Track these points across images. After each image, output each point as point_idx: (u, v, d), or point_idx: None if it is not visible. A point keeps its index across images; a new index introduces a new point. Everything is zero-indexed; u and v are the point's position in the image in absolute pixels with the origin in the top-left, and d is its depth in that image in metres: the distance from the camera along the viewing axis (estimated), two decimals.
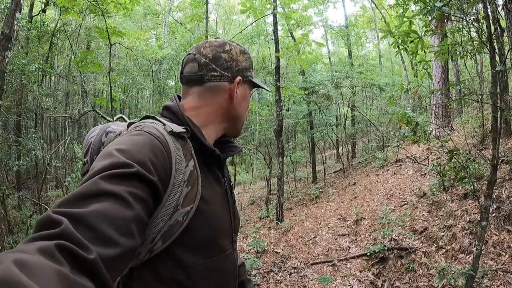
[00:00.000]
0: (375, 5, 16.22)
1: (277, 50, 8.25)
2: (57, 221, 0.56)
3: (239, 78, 1.03)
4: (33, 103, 9.81)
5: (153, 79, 17.93)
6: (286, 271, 5.60)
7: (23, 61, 7.76)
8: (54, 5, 9.51)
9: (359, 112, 13.95)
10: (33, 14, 10.14)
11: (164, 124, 0.90)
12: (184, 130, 0.90)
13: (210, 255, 0.92)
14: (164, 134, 0.86)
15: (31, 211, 8.08)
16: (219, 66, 1.01)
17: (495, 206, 4.45)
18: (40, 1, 10.87)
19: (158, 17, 20.19)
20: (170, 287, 0.86)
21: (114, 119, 8.01)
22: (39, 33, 9.55)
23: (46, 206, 6.66)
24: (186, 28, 18.75)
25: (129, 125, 1.01)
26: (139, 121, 0.98)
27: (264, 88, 1.18)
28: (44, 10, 10.41)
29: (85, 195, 0.64)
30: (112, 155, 0.75)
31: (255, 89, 1.20)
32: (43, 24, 9.77)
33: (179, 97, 1.07)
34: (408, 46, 4.14)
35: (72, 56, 11.62)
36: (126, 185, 0.69)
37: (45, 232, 0.55)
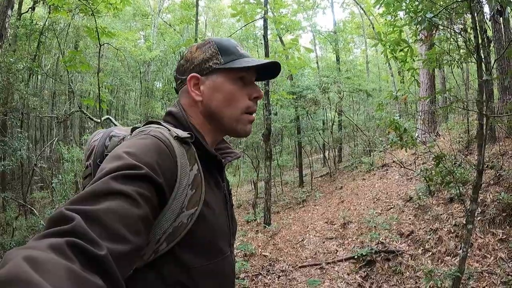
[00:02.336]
0: (364, 11, 16.46)
1: (266, 54, 8.29)
2: (69, 218, 0.57)
3: (190, 76, 1.00)
4: (19, 102, 9.61)
5: (140, 81, 17.78)
6: (274, 274, 5.61)
7: (11, 59, 7.60)
8: (43, 3, 9.36)
9: (346, 117, 14.10)
10: (22, 12, 9.95)
11: (169, 129, 0.91)
12: (189, 135, 0.91)
13: (211, 257, 0.93)
14: (170, 138, 0.87)
15: (16, 213, 7.90)
16: (179, 73, 1.05)
17: (480, 210, 4.57)
18: None
19: (148, 18, 20.01)
20: None
21: (102, 120, 7.96)
22: (27, 31, 9.38)
23: (31, 208, 6.54)
24: (175, 30, 18.63)
25: (132, 129, 1.03)
26: (143, 126, 0.98)
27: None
28: (33, 8, 10.24)
29: (96, 193, 0.65)
30: (121, 158, 0.76)
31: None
32: (32, 22, 9.60)
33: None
34: (397, 55, 4.22)
35: (60, 55, 11.45)
36: (135, 185, 0.70)
37: (57, 228, 0.55)
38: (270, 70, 1.10)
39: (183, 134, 0.90)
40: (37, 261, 0.46)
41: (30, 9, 10.13)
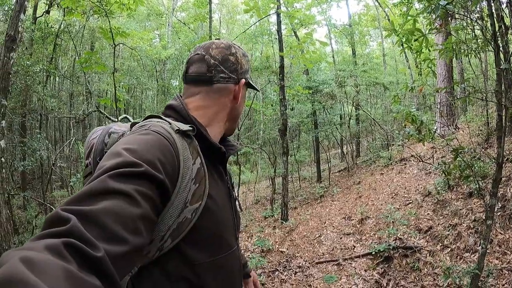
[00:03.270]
0: (379, 3, 16.14)
1: (281, 49, 8.24)
2: (65, 219, 0.57)
3: (243, 80, 1.08)
4: (37, 104, 9.85)
5: (157, 79, 17.98)
6: (291, 270, 5.60)
7: (28, 62, 7.79)
8: (58, 6, 9.56)
9: (363, 111, 13.91)
10: (37, 16, 10.18)
11: (170, 123, 0.91)
12: (191, 128, 0.91)
13: (217, 252, 0.93)
14: (171, 132, 0.87)
15: (37, 211, 8.11)
16: (227, 68, 1.05)
17: (500, 205, 4.43)
18: (44, 3, 10.92)
19: (162, 17, 20.19)
20: (178, 285, 0.87)
21: (119, 119, 8.06)
22: (43, 34, 9.59)
23: (51, 206, 6.70)
24: (189, 28, 18.74)
25: (132, 125, 1.02)
26: (143, 120, 0.98)
27: (257, 89, 1.21)
28: (48, 12, 10.44)
29: (93, 193, 0.64)
30: (120, 155, 0.75)
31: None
32: (47, 26, 9.81)
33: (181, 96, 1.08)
34: (412, 45, 4.12)
35: (76, 57, 11.67)
36: (134, 183, 0.69)
37: (53, 229, 0.55)
38: None
39: (184, 127, 0.90)
40: (34, 262, 0.46)
41: (45, 13, 10.34)
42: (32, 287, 0.42)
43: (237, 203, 1.24)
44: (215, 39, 1.16)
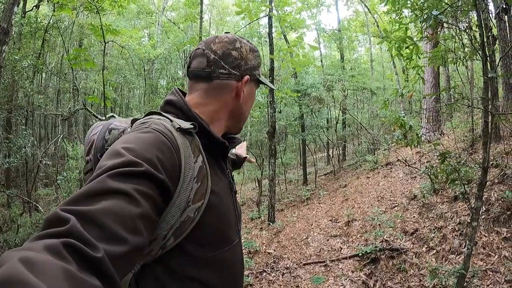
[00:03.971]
0: (368, 10, 16.41)
1: (271, 52, 8.28)
2: (64, 219, 0.56)
3: (247, 77, 1.03)
4: (24, 100, 9.63)
5: (145, 78, 17.82)
6: (278, 271, 5.63)
7: (16, 57, 7.61)
8: (48, 1, 9.38)
9: (350, 115, 14.08)
10: (27, 10, 9.98)
11: (171, 121, 0.89)
12: (192, 126, 0.90)
13: (219, 246, 0.93)
14: (172, 131, 0.85)
15: (21, 210, 7.94)
16: (228, 64, 1.00)
17: (484, 209, 4.57)
18: None
19: (152, 16, 20.02)
20: (181, 282, 0.87)
21: (106, 117, 7.97)
22: (32, 29, 9.40)
23: (36, 205, 6.58)
24: (179, 28, 18.65)
25: (133, 121, 1.00)
26: (144, 117, 0.96)
27: (271, 86, 1.19)
28: (37, 6, 10.24)
29: (92, 193, 0.64)
30: (119, 154, 0.74)
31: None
32: (37, 20, 9.62)
33: (181, 91, 1.04)
34: (403, 52, 4.23)
35: (65, 53, 11.47)
36: (134, 183, 0.69)
37: (52, 230, 0.55)
38: None
39: (186, 125, 0.89)
40: (33, 263, 0.45)
41: (34, 7, 10.12)
42: (32, 287, 0.41)
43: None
44: (225, 32, 1.12)
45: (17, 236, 6.66)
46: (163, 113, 0.94)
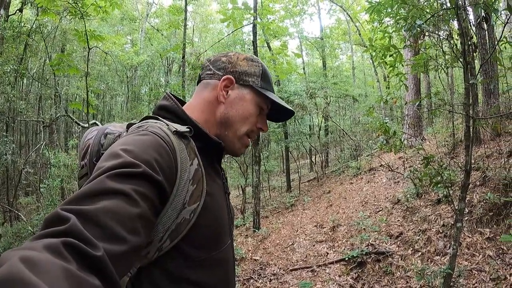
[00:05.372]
0: (350, 18, 16.74)
1: None
2: (65, 218, 0.56)
3: (227, 76, 1.04)
4: (5, 105, 9.38)
5: (127, 85, 17.62)
6: (266, 278, 5.62)
7: None
8: (31, 5, 9.22)
9: (333, 122, 14.27)
10: (10, 14, 9.76)
11: (167, 124, 0.90)
12: (188, 129, 0.91)
13: (214, 248, 0.94)
14: (169, 134, 0.86)
15: (2, 219, 7.67)
16: (215, 66, 1.06)
17: (467, 210, 4.69)
18: (19, 1, 10.50)
19: (135, 22, 19.88)
20: (177, 283, 0.87)
21: (89, 124, 7.86)
22: (14, 33, 9.20)
23: (18, 213, 6.39)
24: (162, 35, 18.58)
25: (128, 126, 1.01)
26: (140, 121, 0.97)
27: (282, 104, 1.10)
28: (21, 10, 10.06)
29: (92, 193, 0.64)
30: (118, 155, 0.74)
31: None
32: (20, 24, 9.42)
33: (174, 96, 1.05)
34: (387, 60, 4.33)
35: (47, 59, 11.26)
36: (133, 183, 0.69)
37: (52, 229, 0.55)
38: (282, 114, 1.16)
39: (182, 128, 0.90)
40: (34, 262, 0.45)
41: (18, 11, 9.92)
42: (33, 286, 0.42)
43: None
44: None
45: None
46: (159, 118, 0.95)
